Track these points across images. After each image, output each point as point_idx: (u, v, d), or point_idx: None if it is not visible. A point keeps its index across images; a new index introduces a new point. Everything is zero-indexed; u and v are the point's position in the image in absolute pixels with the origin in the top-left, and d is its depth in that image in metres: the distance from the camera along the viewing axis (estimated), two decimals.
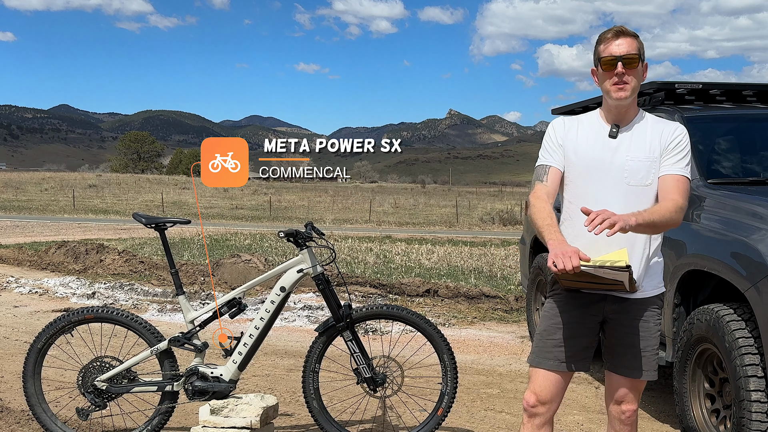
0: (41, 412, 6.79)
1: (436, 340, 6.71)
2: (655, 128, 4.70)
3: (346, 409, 7.65)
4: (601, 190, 4.65)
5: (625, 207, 4.41)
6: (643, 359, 4.71)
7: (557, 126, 4.93)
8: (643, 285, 4.64)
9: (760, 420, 5.56)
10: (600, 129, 4.78)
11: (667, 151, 4.63)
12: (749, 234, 5.91)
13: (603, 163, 4.67)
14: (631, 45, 4.58)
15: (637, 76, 4.62)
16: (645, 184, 4.62)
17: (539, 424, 4.79)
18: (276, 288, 6.73)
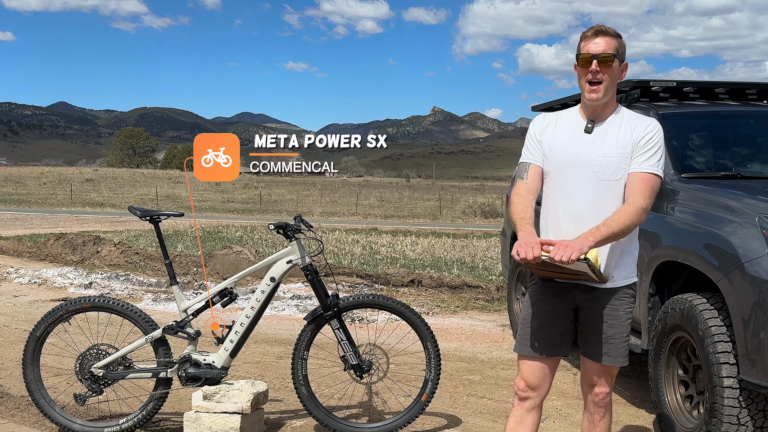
0: (40, 397, 6.79)
1: (420, 328, 6.75)
2: (630, 125, 4.70)
3: (334, 394, 7.63)
4: (574, 184, 4.71)
5: (594, 200, 4.64)
6: (613, 346, 4.75)
7: (536, 123, 4.97)
8: (614, 275, 4.69)
9: (732, 405, 5.57)
10: (577, 125, 4.81)
11: (638, 148, 4.63)
12: (722, 226, 5.91)
13: (577, 158, 4.71)
14: (608, 44, 4.58)
15: (612, 74, 4.62)
16: (615, 179, 4.65)
17: (529, 407, 4.90)
18: (266, 278, 6.76)
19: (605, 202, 4.62)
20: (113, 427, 6.72)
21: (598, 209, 4.60)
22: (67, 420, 6.79)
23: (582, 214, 4.65)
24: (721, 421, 5.62)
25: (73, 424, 6.77)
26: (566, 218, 4.74)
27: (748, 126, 8.02)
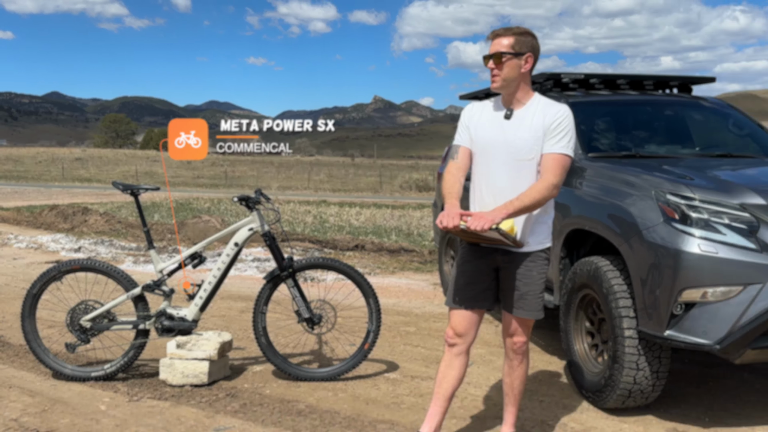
0: (36, 346, 6.88)
1: (363, 286, 6.85)
2: (543, 111, 4.78)
3: (289, 344, 7.65)
4: (495, 164, 4.82)
5: (511, 178, 4.75)
6: (527, 301, 4.85)
7: (467, 110, 5.09)
8: (528, 241, 4.79)
9: (631, 353, 5.60)
10: (499, 112, 4.91)
11: (549, 132, 4.71)
12: (623, 199, 5.92)
13: (496, 141, 4.82)
14: (499, 45, 4.76)
15: (507, 69, 4.74)
16: (528, 159, 4.74)
17: (456, 352, 5.00)
18: (231, 243, 6.87)
19: (521, 179, 4.72)
20: (99, 372, 6.80)
21: (514, 185, 4.69)
22: (59, 365, 6.86)
23: (501, 190, 4.74)
24: (623, 366, 5.65)
25: (65, 369, 6.83)
26: (488, 193, 4.84)
27: (646, 112, 8.04)
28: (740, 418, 5.98)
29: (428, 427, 5.05)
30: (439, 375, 5.07)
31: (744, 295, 5.09)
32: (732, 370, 7.24)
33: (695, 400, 6.40)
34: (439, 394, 5.04)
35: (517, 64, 4.74)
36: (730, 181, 5.69)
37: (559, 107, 4.80)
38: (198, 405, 6.20)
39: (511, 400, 5.19)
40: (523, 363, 5.08)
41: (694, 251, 5.19)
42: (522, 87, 4.83)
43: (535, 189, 4.61)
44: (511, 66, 4.74)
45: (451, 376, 5.02)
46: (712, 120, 8.25)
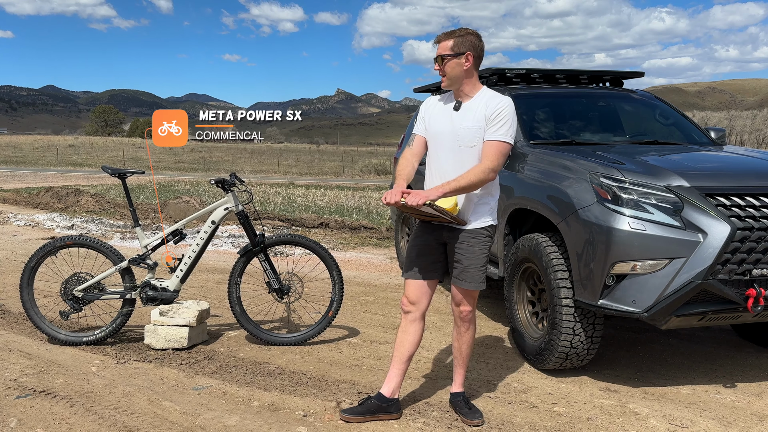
0: (33, 314, 6.89)
1: (327, 260, 6.86)
2: (486, 103, 4.81)
3: (261, 312, 7.64)
4: (442, 151, 4.91)
5: (455, 162, 4.83)
6: (469, 274, 4.90)
7: (425, 103, 5.20)
8: (471, 219, 4.87)
9: (568, 320, 5.62)
10: (450, 104, 4.97)
11: (490, 121, 4.75)
12: (560, 182, 5.92)
13: (445, 130, 4.90)
14: (442, 48, 4.85)
15: (449, 69, 4.82)
16: (471, 146, 4.79)
17: (411, 319, 5.07)
18: (208, 221, 6.86)
19: (464, 164, 4.77)
20: (90, 337, 6.81)
21: (457, 169, 4.76)
22: (54, 331, 6.86)
23: (446, 173, 4.82)
24: (560, 332, 5.66)
25: (59, 334, 6.83)
26: (437, 175, 4.91)
27: (581, 104, 8.05)
28: (666, 378, 6.02)
29: (388, 388, 5.11)
30: (397, 340, 5.12)
31: (669, 268, 5.11)
32: (659, 335, 7.30)
33: (626, 362, 6.44)
34: (397, 357, 5.10)
35: (458, 63, 4.80)
36: (657, 165, 5.69)
37: (501, 99, 4.82)
38: (179, 366, 6.17)
39: (460, 363, 5.22)
40: (470, 330, 5.11)
41: (625, 228, 5.20)
42: (467, 82, 4.88)
43: (472, 172, 4.68)
44: (453, 65, 4.81)
45: (407, 341, 5.07)
46: (640, 111, 8.28)
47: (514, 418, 5.08)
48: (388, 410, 5.09)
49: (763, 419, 5.17)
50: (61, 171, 48.12)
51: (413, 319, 5.07)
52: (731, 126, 66.77)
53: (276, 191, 27.68)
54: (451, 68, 4.81)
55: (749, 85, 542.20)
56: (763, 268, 5.21)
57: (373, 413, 5.07)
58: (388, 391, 5.10)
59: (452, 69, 4.82)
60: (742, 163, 6.39)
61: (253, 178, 40.15)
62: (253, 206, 8.64)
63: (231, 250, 12.65)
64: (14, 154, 76.10)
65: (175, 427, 4.88)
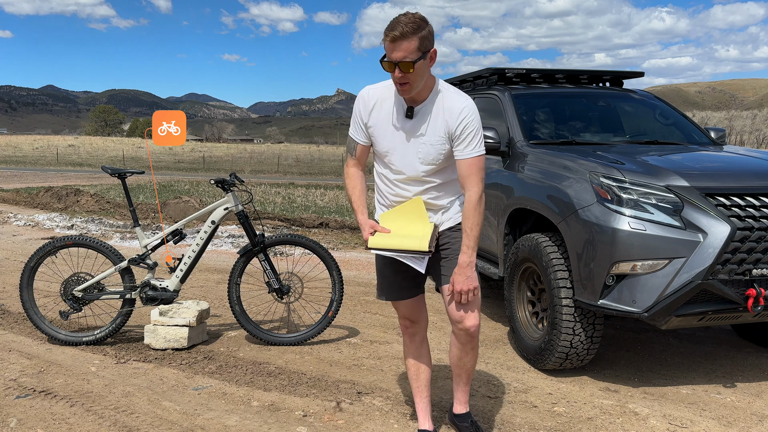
0: (33, 314, 6.88)
1: (327, 260, 6.84)
2: (445, 109, 4.03)
3: (260, 312, 7.68)
4: (400, 169, 4.20)
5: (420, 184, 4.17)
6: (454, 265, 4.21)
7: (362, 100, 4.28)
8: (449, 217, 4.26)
9: (568, 320, 5.61)
10: (397, 107, 4.15)
11: (456, 137, 4.02)
12: (561, 181, 5.91)
13: (399, 146, 4.16)
14: (407, 49, 3.80)
15: (420, 70, 3.88)
16: (436, 163, 4.09)
17: (419, 341, 4.60)
18: (208, 221, 6.86)
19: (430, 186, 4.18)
20: (89, 337, 6.81)
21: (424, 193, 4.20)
22: (54, 331, 6.85)
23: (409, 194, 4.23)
24: (560, 332, 5.65)
25: (59, 334, 6.83)
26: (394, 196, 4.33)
27: (581, 104, 8.04)
28: (666, 378, 6.01)
29: (426, 421, 4.66)
30: (411, 370, 4.64)
31: (669, 268, 5.11)
32: (659, 335, 7.30)
33: (626, 362, 6.43)
34: (420, 387, 4.65)
35: (425, 63, 3.91)
36: (656, 165, 5.69)
37: (460, 106, 4.03)
38: (179, 366, 6.17)
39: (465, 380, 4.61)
40: (476, 346, 4.41)
41: (625, 228, 5.20)
42: (426, 82, 4.04)
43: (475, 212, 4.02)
44: (420, 69, 3.88)
45: (424, 366, 4.62)
46: (640, 111, 8.27)
47: (514, 418, 5.08)
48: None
49: (763, 419, 5.17)
50: (60, 171, 48.21)
51: (421, 340, 4.60)
52: (731, 126, 66.88)
53: (276, 191, 27.71)
54: (419, 72, 3.90)
55: (749, 85, 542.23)
56: (763, 268, 5.21)
57: None
58: (429, 424, 4.64)
59: (419, 73, 3.91)
60: (742, 163, 6.39)
61: (253, 178, 40.22)
62: (253, 206, 8.64)
63: (231, 250, 12.66)
64: (14, 154, 76.36)
65: (175, 427, 4.88)
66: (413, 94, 4.02)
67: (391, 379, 5.87)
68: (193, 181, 34.35)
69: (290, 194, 26.26)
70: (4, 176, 38.93)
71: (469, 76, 8.95)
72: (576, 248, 5.55)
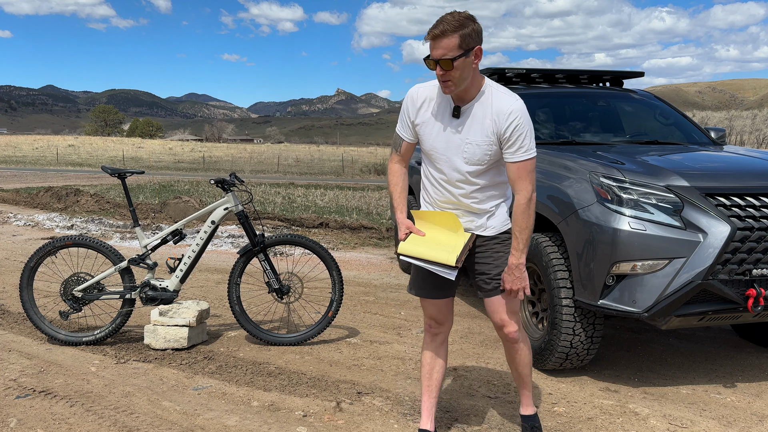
0: (33, 314, 6.86)
1: (327, 260, 6.82)
2: (493, 109, 3.96)
3: (260, 312, 7.68)
4: (446, 170, 4.15)
5: (467, 185, 4.13)
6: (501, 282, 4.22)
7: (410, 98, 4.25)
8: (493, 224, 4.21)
9: (568, 320, 5.61)
10: (445, 106, 4.11)
11: (505, 140, 3.95)
12: (561, 182, 5.91)
13: (444, 146, 4.11)
14: (447, 46, 3.79)
15: (462, 68, 3.84)
16: (482, 164, 4.04)
17: (440, 341, 4.57)
18: (208, 221, 6.84)
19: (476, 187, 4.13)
20: (89, 337, 6.80)
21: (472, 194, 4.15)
22: (54, 331, 6.83)
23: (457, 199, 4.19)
24: (560, 332, 5.65)
25: (59, 335, 6.81)
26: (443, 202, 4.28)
27: (581, 104, 8.04)
28: (666, 378, 6.01)
29: (428, 422, 4.66)
30: (425, 367, 4.62)
31: (669, 268, 5.11)
32: (659, 335, 7.30)
33: (626, 362, 6.43)
34: (431, 386, 4.63)
35: (468, 62, 3.85)
36: (657, 165, 5.69)
37: (509, 108, 3.95)
38: (179, 367, 6.17)
39: (521, 384, 4.69)
40: (522, 349, 4.48)
41: (625, 228, 5.19)
42: (473, 81, 3.97)
43: (525, 213, 3.99)
44: (463, 67, 3.84)
45: (439, 366, 4.60)
46: (640, 111, 8.27)
47: (514, 418, 5.08)
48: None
49: (763, 419, 5.17)
50: (60, 171, 48.24)
51: (442, 341, 4.57)
52: (731, 126, 66.85)
53: (276, 191, 27.70)
54: (461, 70, 3.86)
55: (749, 84, 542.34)
56: (763, 268, 5.21)
57: None
58: (431, 425, 4.65)
59: (463, 71, 3.87)
60: (742, 163, 6.38)
61: (253, 178, 40.22)
62: (253, 206, 8.65)
63: (231, 250, 12.63)
64: (14, 154, 76.48)
65: (175, 427, 4.88)
66: (460, 93, 4.00)
67: (391, 379, 5.88)
68: (193, 181, 34.34)
69: (290, 194, 26.26)
70: (4, 176, 38.92)
71: None
72: (576, 248, 5.55)
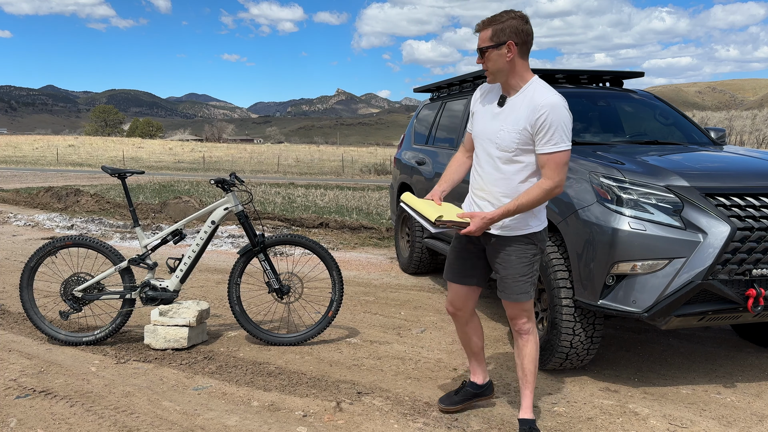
0: (33, 314, 6.86)
1: (327, 260, 6.82)
2: (530, 101, 4.26)
3: (260, 312, 7.69)
4: (482, 153, 4.52)
5: (492, 168, 4.44)
6: (506, 284, 4.54)
7: (475, 92, 4.76)
8: (509, 225, 4.43)
9: (568, 320, 5.61)
10: (496, 98, 4.51)
11: (536, 130, 4.21)
12: None
13: (486, 129, 4.49)
14: (482, 39, 4.32)
15: (491, 62, 4.31)
16: (509, 151, 4.32)
17: (463, 321, 4.98)
18: (208, 221, 6.83)
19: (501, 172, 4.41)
20: (90, 337, 6.79)
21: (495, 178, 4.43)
22: (54, 331, 6.83)
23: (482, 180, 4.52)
24: (561, 332, 5.65)
25: (59, 335, 6.81)
26: (475, 182, 4.62)
27: (581, 104, 8.01)
28: (666, 378, 6.02)
29: (477, 377, 5.21)
30: (461, 340, 5.15)
31: (669, 268, 5.11)
32: (659, 335, 7.31)
33: (626, 362, 6.43)
34: (470, 353, 5.17)
35: (500, 54, 4.27)
36: (657, 165, 5.69)
37: (544, 100, 4.21)
38: (179, 367, 6.17)
39: (525, 383, 4.79)
40: (529, 342, 4.71)
41: (625, 228, 5.19)
42: (513, 74, 4.33)
43: (532, 193, 4.25)
44: (494, 58, 4.29)
45: (473, 339, 5.08)
46: (640, 111, 8.26)
47: (514, 418, 5.08)
48: (483, 393, 5.24)
49: (763, 419, 5.17)
50: (60, 171, 48.26)
51: (464, 321, 4.97)
52: (731, 126, 66.85)
53: (276, 191, 27.72)
54: (493, 62, 4.31)
55: (749, 85, 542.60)
56: (763, 268, 5.21)
57: (470, 399, 5.21)
58: (480, 379, 5.21)
59: (494, 62, 4.31)
60: (742, 163, 6.38)
61: (253, 178, 40.26)
62: (253, 206, 8.65)
63: (231, 250, 12.64)
64: (14, 154, 76.54)
65: (175, 427, 4.88)
66: (505, 84, 4.43)
67: (391, 379, 5.88)
68: (193, 181, 34.37)
69: (290, 194, 26.28)
70: (4, 176, 38.94)
71: (469, 76, 8.92)
72: (576, 248, 5.55)
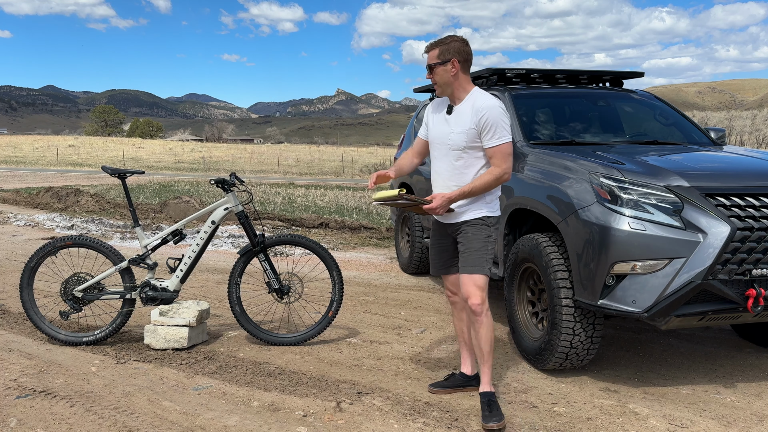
0: (33, 314, 6.88)
1: (327, 260, 6.83)
2: (472, 106, 5.02)
3: (260, 312, 7.70)
4: (438, 153, 5.24)
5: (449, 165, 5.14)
6: (466, 257, 5.07)
7: (427, 107, 5.58)
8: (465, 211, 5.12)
9: (568, 320, 5.61)
10: (444, 107, 5.26)
11: (480, 128, 4.95)
12: (561, 182, 5.90)
13: (440, 134, 5.22)
14: (431, 57, 5.11)
15: (438, 76, 5.07)
16: (461, 149, 5.05)
17: (460, 307, 5.54)
18: (208, 221, 6.84)
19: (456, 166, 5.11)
20: (90, 337, 6.81)
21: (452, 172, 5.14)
22: (54, 331, 6.84)
23: (442, 175, 5.21)
24: (560, 332, 5.65)
25: (59, 335, 6.82)
26: (436, 178, 5.29)
27: (581, 104, 8.03)
28: (666, 378, 6.01)
29: (467, 367, 5.69)
30: (456, 329, 5.67)
31: (669, 268, 5.11)
32: (659, 335, 7.31)
33: (626, 362, 6.43)
34: (462, 341, 5.65)
35: (445, 70, 5.03)
36: (656, 165, 5.68)
37: (483, 103, 4.99)
38: (179, 367, 6.17)
39: (481, 360, 5.19)
40: (483, 324, 5.07)
41: (625, 228, 5.20)
42: (457, 86, 5.09)
43: (483, 179, 4.97)
44: (440, 73, 5.06)
45: (465, 328, 5.57)
46: (640, 111, 8.27)
47: (513, 418, 5.08)
48: (471, 384, 5.64)
49: (763, 419, 5.17)
50: (61, 171, 48.23)
51: (461, 307, 5.53)
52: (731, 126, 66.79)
53: (276, 191, 27.71)
54: (440, 76, 5.06)
55: (749, 85, 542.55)
56: (763, 268, 5.21)
57: (458, 387, 5.64)
58: (469, 370, 5.67)
59: (441, 76, 5.06)
60: (742, 163, 6.38)
61: (253, 178, 40.22)
62: (253, 206, 8.66)
63: (231, 250, 12.65)
64: (14, 154, 76.51)
65: (175, 427, 4.88)
66: (451, 96, 5.16)
67: (391, 379, 5.88)
68: (193, 181, 34.36)
69: (290, 194, 26.27)
70: (4, 176, 38.92)
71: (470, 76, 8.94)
72: (576, 248, 5.55)
